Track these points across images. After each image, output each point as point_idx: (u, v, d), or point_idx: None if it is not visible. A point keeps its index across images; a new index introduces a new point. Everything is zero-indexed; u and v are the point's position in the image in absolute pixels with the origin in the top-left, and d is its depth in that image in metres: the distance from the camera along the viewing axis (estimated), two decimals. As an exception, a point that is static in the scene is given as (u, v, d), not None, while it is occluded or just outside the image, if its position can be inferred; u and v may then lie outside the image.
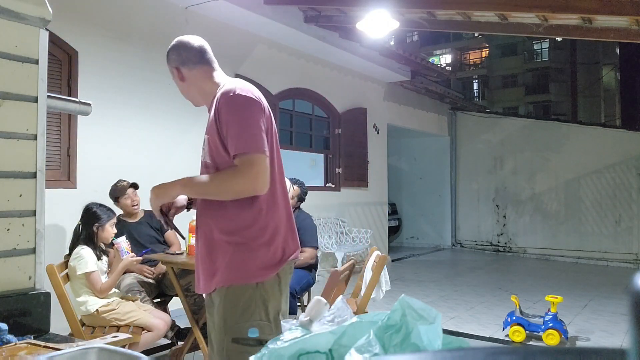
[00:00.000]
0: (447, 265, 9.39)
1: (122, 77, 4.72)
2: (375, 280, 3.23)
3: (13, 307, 1.55)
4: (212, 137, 1.78)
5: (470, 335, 4.53)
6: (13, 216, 1.63)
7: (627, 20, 5.17)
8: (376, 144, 8.80)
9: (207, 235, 1.80)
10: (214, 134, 1.77)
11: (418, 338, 0.70)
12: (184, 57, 1.88)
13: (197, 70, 1.89)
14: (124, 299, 3.28)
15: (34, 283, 1.67)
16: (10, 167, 1.63)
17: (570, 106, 28.82)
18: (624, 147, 9.33)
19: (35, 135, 1.70)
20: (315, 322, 0.90)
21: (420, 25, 6.50)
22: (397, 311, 0.73)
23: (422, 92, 10.05)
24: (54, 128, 4.15)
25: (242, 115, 1.73)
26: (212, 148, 1.78)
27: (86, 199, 3.48)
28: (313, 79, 7.35)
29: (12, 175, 1.64)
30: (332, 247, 7.11)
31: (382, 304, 4.23)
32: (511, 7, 5.26)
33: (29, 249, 1.66)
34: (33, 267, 1.68)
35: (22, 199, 1.65)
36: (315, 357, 0.74)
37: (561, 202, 10.03)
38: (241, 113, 1.74)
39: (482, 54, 35.74)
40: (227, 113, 1.73)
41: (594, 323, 5.04)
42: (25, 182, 1.67)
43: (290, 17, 6.20)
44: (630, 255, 9.16)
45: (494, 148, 10.76)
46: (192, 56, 1.89)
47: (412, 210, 11.52)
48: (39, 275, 1.70)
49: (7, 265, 1.60)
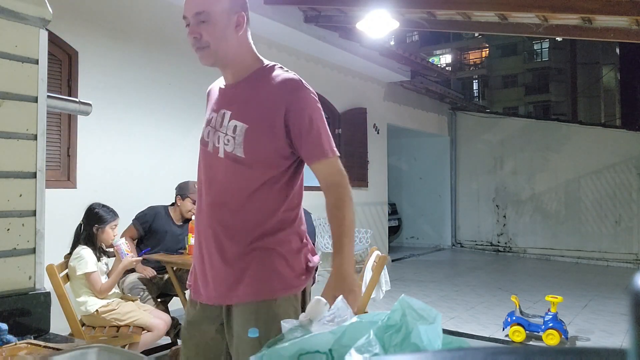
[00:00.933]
0: (447, 265, 9.39)
1: (122, 77, 4.72)
2: (375, 280, 3.23)
3: (13, 307, 1.55)
4: (259, 127, 1.48)
5: (470, 335, 4.53)
6: (13, 216, 1.63)
7: (627, 20, 5.17)
8: (376, 144, 8.80)
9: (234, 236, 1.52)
10: (263, 123, 1.48)
11: (418, 338, 0.70)
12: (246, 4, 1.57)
13: (247, 27, 1.58)
14: (124, 299, 3.28)
15: (34, 283, 1.67)
16: (10, 167, 1.63)
17: (570, 106, 28.79)
18: (624, 147, 9.33)
19: (35, 135, 1.70)
20: (315, 322, 0.90)
21: (420, 25, 6.50)
22: (397, 311, 0.73)
23: (422, 92, 10.05)
24: (54, 128, 4.15)
25: (322, 115, 1.54)
26: (254, 140, 1.48)
27: (86, 199, 3.48)
28: (313, 79, 7.27)
29: (12, 175, 1.64)
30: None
31: (382, 304, 4.23)
32: (511, 7, 5.26)
33: (29, 249, 1.66)
34: (33, 267, 1.68)
35: (22, 199, 1.65)
36: (315, 357, 0.74)
37: (561, 202, 10.03)
38: (321, 112, 1.54)
39: (482, 54, 35.75)
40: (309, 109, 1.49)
41: (594, 323, 5.04)
42: (25, 182, 1.67)
43: (290, 17, 6.20)
44: (630, 255, 9.16)
45: (494, 148, 10.76)
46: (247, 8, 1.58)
47: (412, 210, 11.52)
48: (39, 275, 1.70)
49: (7, 265, 1.60)
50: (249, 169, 1.49)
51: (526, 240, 10.33)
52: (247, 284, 1.49)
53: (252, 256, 1.50)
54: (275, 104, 1.47)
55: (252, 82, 1.54)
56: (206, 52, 1.50)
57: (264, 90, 1.51)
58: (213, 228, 1.54)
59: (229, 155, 1.51)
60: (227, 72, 1.57)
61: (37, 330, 1.55)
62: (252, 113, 1.50)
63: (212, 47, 1.49)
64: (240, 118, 1.50)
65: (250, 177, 1.50)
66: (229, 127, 1.51)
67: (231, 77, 1.57)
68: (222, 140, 1.52)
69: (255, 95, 1.52)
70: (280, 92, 1.48)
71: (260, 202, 1.50)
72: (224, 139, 1.52)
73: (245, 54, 1.55)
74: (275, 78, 1.51)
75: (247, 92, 1.53)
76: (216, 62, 1.53)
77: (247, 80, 1.54)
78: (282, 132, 1.47)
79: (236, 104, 1.53)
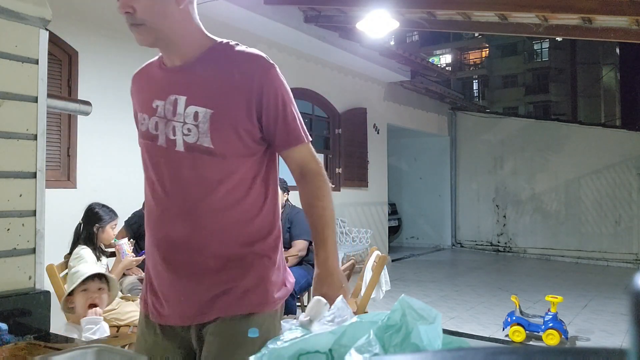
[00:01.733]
0: (447, 265, 9.39)
1: (122, 77, 4.70)
2: (375, 280, 3.23)
3: (13, 307, 1.55)
4: (227, 111, 1.29)
5: (470, 335, 4.53)
6: (13, 216, 1.63)
7: (627, 20, 5.18)
8: (376, 144, 8.80)
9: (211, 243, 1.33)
10: (233, 106, 1.29)
11: (418, 338, 0.70)
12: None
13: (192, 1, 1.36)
14: (124, 299, 3.28)
15: (34, 283, 1.67)
16: (10, 167, 1.63)
17: (570, 106, 28.84)
18: (624, 147, 9.33)
19: (35, 135, 1.70)
20: (315, 322, 0.90)
21: (420, 25, 6.50)
22: (397, 311, 0.73)
23: (422, 92, 10.05)
24: (54, 128, 4.15)
25: (291, 94, 1.39)
26: (223, 126, 1.29)
27: (86, 199, 3.48)
28: (313, 79, 7.35)
29: (12, 175, 1.63)
30: (332, 247, 7.10)
31: (382, 304, 4.23)
32: (511, 7, 5.26)
33: (29, 249, 1.66)
34: (33, 267, 1.68)
35: (22, 199, 1.65)
36: (315, 357, 0.74)
37: (561, 202, 10.03)
38: (290, 91, 1.39)
39: (482, 54, 35.74)
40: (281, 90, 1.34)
41: (594, 323, 5.04)
42: (25, 182, 1.67)
43: (290, 17, 6.20)
44: (630, 255, 9.16)
45: (494, 148, 10.76)
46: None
47: (412, 210, 11.52)
48: (39, 275, 1.70)
49: (7, 265, 1.60)
50: (222, 161, 1.30)
51: (526, 240, 10.33)
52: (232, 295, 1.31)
53: (239, 264, 1.32)
54: (246, 84, 1.29)
55: (208, 61, 1.33)
56: (142, 30, 1.30)
57: (227, 70, 1.31)
58: (177, 237, 1.33)
59: (193, 147, 1.29)
60: (172, 52, 1.36)
61: (37, 330, 1.55)
62: (216, 96, 1.30)
63: (148, 25, 1.29)
64: (200, 103, 1.29)
65: (226, 170, 1.30)
66: (187, 114, 1.29)
67: (178, 58, 1.36)
68: (180, 130, 1.30)
69: (217, 76, 1.32)
70: (250, 71, 1.30)
71: (242, 198, 1.32)
72: (182, 129, 1.30)
73: (192, 30, 1.34)
74: (238, 56, 1.33)
75: (205, 73, 1.32)
76: (156, 42, 1.34)
77: (201, 60, 1.33)
78: (254, 116, 1.30)
79: (192, 87, 1.32)
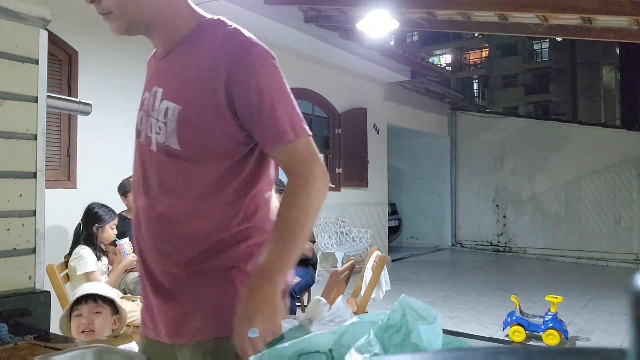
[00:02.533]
0: (447, 265, 9.40)
1: (122, 77, 4.72)
2: (375, 280, 3.23)
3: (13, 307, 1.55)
4: (195, 107, 1.10)
5: (470, 335, 4.53)
6: (13, 216, 1.63)
7: (627, 20, 5.18)
8: (376, 144, 8.80)
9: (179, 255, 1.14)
10: (200, 101, 1.10)
11: (418, 338, 0.70)
12: None
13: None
14: (124, 299, 3.27)
15: (34, 283, 1.67)
16: (10, 167, 1.63)
17: (570, 106, 28.78)
18: (624, 147, 9.33)
19: (35, 135, 1.70)
20: (315, 322, 0.90)
21: (420, 25, 6.50)
22: (397, 311, 0.73)
23: (422, 92, 10.05)
24: (54, 128, 4.15)
25: (280, 79, 1.14)
26: (191, 125, 1.10)
27: (86, 199, 3.48)
28: (313, 79, 7.35)
29: (12, 175, 1.63)
30: (332, 247, 7.11)
31: (382, 304, 4.23)
32: (511, 7, 5.26)
33: (29, 249, 1.66)
34: (33, 267, 1.68)
35: (22, 199, 1.65)
36: (315, 357, 0.74)
37: (561, 202, 10.03)
38: (278, 75, 1.14)
39: (482, 54, 35.75)
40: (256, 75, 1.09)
41: (594, 323, 5.04)
42: (25, 182, 1.67)
43: (290, 17, 6.20)
44: (630, 255, 9.16)
45: (494, 148, 10.77)
46: None
47: (412, 210, 11.52)
48: (39, 275, 1.70)
49: (7, 265, 1.60)
50: (191, 165, 1.11)
51: (526, 240, 10.33)
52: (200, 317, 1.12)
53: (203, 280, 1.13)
54: (213, 72, 1.09)
55: (187, 45, 1.16)
56: (112, 18, 1.14)
57: (199, 56, 1.12)
58: (153, 244, 1.17)
59: (162, 148, 1.13)
60: (155, 38, 1.21)
61: (37, 330, 1.55)
62: (185, 88, 1.12)
63: (115, 12, 1.12)
64: (172, 97, 1.13)
65: (195, 176, 1.12)
66: (161, 110, 1.13)
67: (161, 44, 1.21)
68: (154, 128, 1.15)
69: (189, 64, 1.14)
70: (217, 55, 1.09)
71: (211, 207, 1.13)
72: (155, 127, 1.14)
73: (173, 9, 1.16)
74: (212, 38, 1.13)
75: (180, 61, 1.16)
76: (132, 29, 1.17)
77: (183, 44, 1.16)
78: (227, 111, 1.09)
79: (168, 78, 1.17)
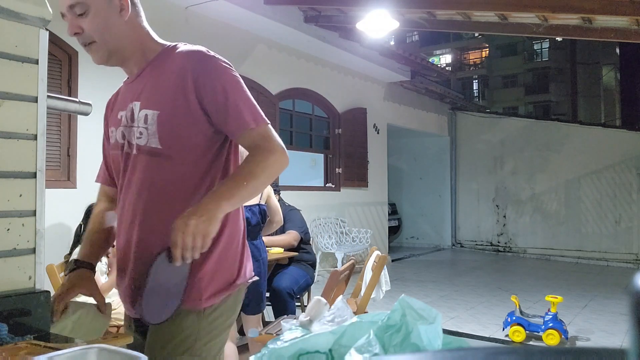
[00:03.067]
0: (447, 265, 9.39)
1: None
2: (375, 280, 3.23)
3: (13, 307, 1.55)
4: (171, 110, 1.31)
5: (470, 335, 4.53)
6: (13, 216, 1.62)
7: (627, 20, 5.18)
8: (376, 144, 8.80)
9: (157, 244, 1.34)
10: (175, 104, 1.31)
11: (418, 338, 0.70)
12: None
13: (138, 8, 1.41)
14: (124, 299, 3.28)
15: (34, 283, 1.67)
16: (10, 167, 1.63)
17: (570, 106, 28.78)
18: (624, 147, 9.33)
19: (35, 135, 1.70)
20: (315, 322, 0.90)
21: (420, 25, 6.50)
22: (397, 311, 0.73)
23: (422, 92, 10.05)
24: (54, 128, 4.15)
25: (239, 83, 1.35)
26: (169, 126, 1.31)
27: (86, 199, 3.47)
28: (313, 79, 7.35)
29: (12, 175, 1.63)
30: (332, 247, 7.11)
31: (382, 304, 4.23)
32: (511, 7, 5.26)
33: (29, 249, 1.66)
34: (33, 267, 1.67)
35: (22, 199, 1.65)
36: (315, 357, 0.74)
37: (561, 202, 10.03)
38: (237, 80, 1.36)
39: (482, 54, 35.74)
40: (221, 80, 1.32)
41: (594, 323, 5.04)
42: (25, 182, 1.66)
43: (290, 17, 6.20)
44: (630, 255, 9.16)
45: (494, 148, 10.77)
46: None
47: (412, 210, 11.52)
48: (39, 275, 1.70)
49: (7, 265, 1.60)
50: (169, 161, 1.31)
51: (526, 240, 10.33)
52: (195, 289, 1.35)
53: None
54: (182, 81, 1.31)
55: (156, 65, 1.38)
56: (94, 48, 1.36)
57: (168, 70, 1.34)
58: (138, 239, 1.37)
59: (143, 149, 1.32)
60: (129, 64, 1.42)
61: (37, 330, 1.55)
62: (161, 97, 1.33)
63: (98, 42, 1.35)
64: (149, 106, 1.33)
65: (173, 171, 1.32)
66: (140, 118, 1.33)
67: (135, 68, 1.42)
68: (136, 134, 1.34)
69: (161, 78, 1.35)
70: (184, 67, 1.32)
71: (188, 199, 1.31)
72: (137, 133, 1.34)
73: (142, 39, 1.39)
74: (178, 54, 1.35)
75: (152, 77, 1.37)
76: (111, 58, 1.38)
77: (152, 65, 1.38)
78: (199, 112, 1.31)
79: (144, 92, 1.36)
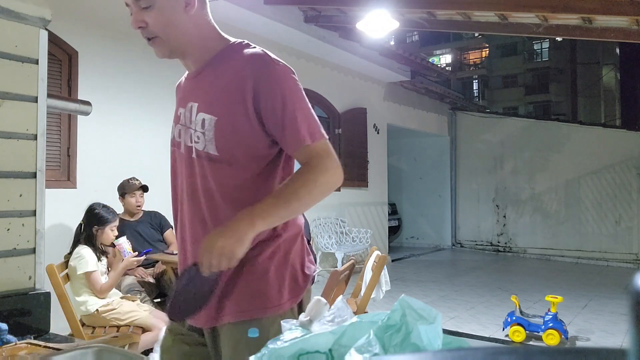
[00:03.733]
0: (447, 265, 9.39)
1: (122, 77, 4.72)
2: (375, 280, 3.23)
3: (13, 307, 1.55)
4: (229, 117, 1.27)
5: (470, 335, 4.53)
6: (13, 216, 1.62)
7: (627, 20, 5.17)
8: (376, 144, 8.80)
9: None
10: (233, 112, 1.27)
11: (418, 338, 0.70)
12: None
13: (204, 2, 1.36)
14: (124, 299, 3.28)
15: (34, 283, 1.67)
16: (10, 167, 1.63)
17: (570, 106, 28.82)
18: (624, 147, 9.33)
19: (35, 135, 1.70)
20: (315, 322, 0.90)
21: (420, 25, 6.50)
22: (397, 311, 0.73)
23: (422, 92, 10.05)
24: (54, 128, 4.15)
25: (299, 92, 1.29)
26: (226, 133, 1.27)
27: (86, 199, 3.48)
28: (313, 79, 7.35)
29: (12, 175, 1.63)
30: (332, 247, 7.11)
31: (382, 304, 4.23)
32: (511, 7, 5.26)
33: (29, 249, 1.66)
34: (33, 267, 1.68)
35: (22, 199, 1.65)
36: (315, 357, 0.74)
37: (561, 202, 10.03)
38: (296, 86, 1.29)
39: (482, 54, 35.75)
40: (279, 88, 1.25)
41: (594, 323, 5.04)
42: (25, 182, 1.66)
43: (290, 17, 6.20)
44: (630, 255, 9.16)
45: (494, 148, 10.76)
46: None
47: (412, 210, 11.52)
48: (39, 275, 1.70)
49: (7, 265, 1.60)
50: (229, 167, 1.29)
51: (526, 240, 10.33)
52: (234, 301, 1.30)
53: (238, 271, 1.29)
54: (242, 86, 1.26)
55: (216, 65, 1.33)
56: (157, 42, 1.35)
57: (228, 73, 1.30)
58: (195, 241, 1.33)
59: (202, 155, 1.30)
60: (189, 60, 1.38)
61: (37, 330, 1.55)
62: (218, 101, 1.29)
63: (162, 37, 1.33)
64: (207, 109, 1.30)
65: (233, 176, 1.29)
66: (197, 121, 1.31)
67: (193, 65, 1.38)
68: (193, 137, 1.32)
69: (219, 80, 1.31)
70: (244, 71, 1.27)
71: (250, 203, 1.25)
72: (194, 137, 1.32)
73: (205, 35, 1.35)
74: (239, 56, 1.30)
75: (211, 78, 1.33)
76: (173, 53, 1.36)
77: (211, 64, 1.34)
78: (255, 118, 1.26)
79: (201, 93, 1.34)
